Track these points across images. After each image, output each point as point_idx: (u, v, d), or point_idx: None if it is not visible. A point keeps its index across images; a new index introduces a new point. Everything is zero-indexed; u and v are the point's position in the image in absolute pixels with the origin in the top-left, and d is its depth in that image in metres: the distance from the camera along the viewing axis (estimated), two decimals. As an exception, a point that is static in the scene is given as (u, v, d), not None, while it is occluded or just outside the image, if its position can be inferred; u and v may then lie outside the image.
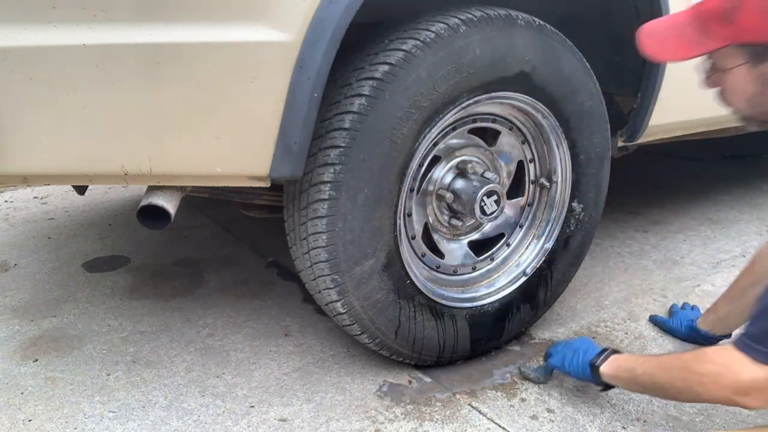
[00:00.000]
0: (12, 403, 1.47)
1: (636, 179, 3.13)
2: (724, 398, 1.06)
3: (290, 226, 1.41)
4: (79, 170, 1.17)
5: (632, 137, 1.81)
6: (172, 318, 1.85)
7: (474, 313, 1.58)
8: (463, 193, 1.50)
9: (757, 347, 1.02)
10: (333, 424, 1.39)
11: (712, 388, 1.07)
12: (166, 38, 1.08)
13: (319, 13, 1.12)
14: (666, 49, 1.13)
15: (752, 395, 1.02)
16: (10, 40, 1.03)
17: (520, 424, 1.39)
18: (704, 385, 1.08)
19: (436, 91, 1.31)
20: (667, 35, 1.13)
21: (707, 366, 1.08)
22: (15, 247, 2.38)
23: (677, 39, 1.10)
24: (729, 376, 1.03)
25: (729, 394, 1.04)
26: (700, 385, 1.09)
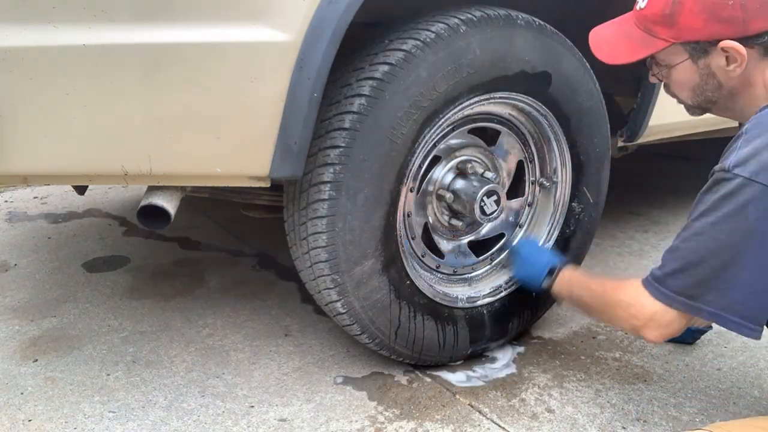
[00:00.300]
0: (12, 403, 1.47)
1: (636, 179, 3.13)
2: (630, 327, 1.18)
3: (290, 226, 1.41)
4: (79, 170, 1.17)
5: (632, 137, 1.81)
6: (172, 318, 1.85)
7: (474, 314, 1.58)
8: (463, 193, 1.50)
9: (658, 287, 1.12)
10: (333, 424, 1.39)
11: (621, 315, 1.19)
12: (166, 38, 1.08)
13: (319, 14, 1.12)
14: (619, 53, 1.21)
15: (650, 327, 1.14)
16: (10, 40, 1.03)
17: (520, 424, 1.39)
18: (617, 312, 1.21)
19: (436, 91, 1.31)
20: (617, 39, 1.22)
21: (621, 296, 1.19)
22: (15, 247, 2.38)
23: (627, 42, 1.20)
24: (635, 308, 1.15)
25: (634, 322, 1.16)
26: (615, 311, 1.21)
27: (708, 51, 1.11)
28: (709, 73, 1.13)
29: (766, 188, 0.97)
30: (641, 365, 1.61)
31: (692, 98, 1.20)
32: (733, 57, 1.08)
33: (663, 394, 1.50)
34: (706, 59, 1.12)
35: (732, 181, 1.00)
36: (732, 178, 1.00)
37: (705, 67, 1.13)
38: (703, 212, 1.05)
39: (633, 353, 1.66)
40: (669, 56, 1.16)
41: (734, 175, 0.99)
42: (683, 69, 1.15)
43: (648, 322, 1.13)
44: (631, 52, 1.18)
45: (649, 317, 1.13)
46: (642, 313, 1.14)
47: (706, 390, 1.52)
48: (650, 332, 1.14)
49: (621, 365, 1.61)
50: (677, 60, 1.15)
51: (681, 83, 1.19)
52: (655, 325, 1.13)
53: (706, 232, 1.04)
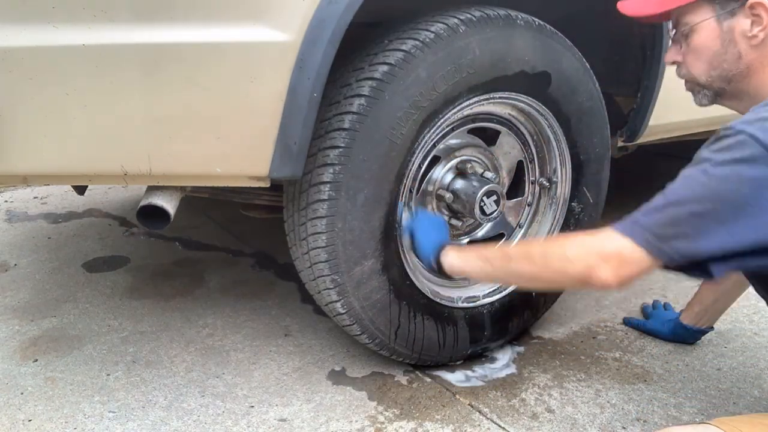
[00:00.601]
0: (12, 403, 1.47)
1: (636, 179, 3.13)
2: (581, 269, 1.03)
3: (290, 226, 1.41)
4: (79, 170, 1.17)
5: (632, 137, 1.81)
6: (172, 318, 1.85)
7: (474, 314, 1.58)
8: (463, 193, 1.50)
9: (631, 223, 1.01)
10: (333, 424, 1.39)
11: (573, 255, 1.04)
12: (166, 38, 1.08)
13: (319, 13, 1.12)
14: (645, 4, 1.16)
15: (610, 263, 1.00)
16: (10, 40, 1.03)
17: (520, 424, 1.39)
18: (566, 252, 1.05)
19: (435, 91, 1.31)
20: None
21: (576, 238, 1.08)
22: (15, 247, 2.38)
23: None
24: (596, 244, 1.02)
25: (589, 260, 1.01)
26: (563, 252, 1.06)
27: (734, 11, 1.07)
28: (731, 39, 1.09)
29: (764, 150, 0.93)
30: (641, 365, 1.61)
31: (707, 72, 1.14)
32: (759, 19, 1.05)
33: (663, 394, 1.50)
34: (731, 21, 1.08)
35: (733, 136, 0.97)
36: (734, 134, 0.97)
37: (728, 31, 1.08)
38: (697, 159, 1.01)
39: (633, 353, 1.66)
40: (693, 14, 1.11)
41: (737, 131, 0.96)
42: (705, 31, 1.10)
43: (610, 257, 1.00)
44: (658, 3, 1.14)
45: (613, 252, 1.00)
46: (604, 248, 1.01)
47: (706, 390, 1.52)
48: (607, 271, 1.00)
49: (621, 365, 1.61)
50: (701, 17, 1.10)
51: (699, 50, 1.12)
52: (616, 262, 1.00)
53: (696, 177, 0.98)
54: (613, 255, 1.00)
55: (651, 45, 1.67)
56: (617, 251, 1.00)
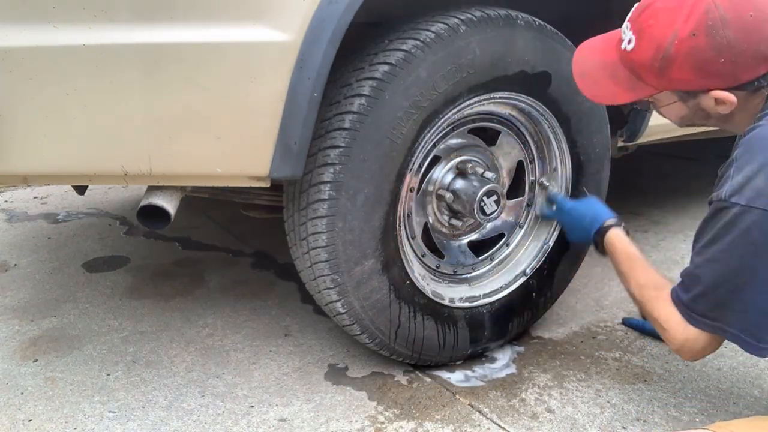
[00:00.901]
0: (12, 403, 1.47)
1: (636, 179, 3.13)
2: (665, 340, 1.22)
3: (290, 226, 1.41)
4: (79, 170, 1.17)
5: (632, 137, 1.81)
6: (172, 318, 1.85)
7: (474, 313, 1.58)
8: (463, 193, 1.50)
9: (687, 311, 1.15)
10: (333, 424, 1.39)
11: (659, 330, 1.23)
12: (166, 38, 1.08)
13: (319, 13, 1.12)
14: (604, 93, 1.21)
15: (684, 350, 1.18)
16: (10, 40, 1.03)
17: (520, 424, 1.39)
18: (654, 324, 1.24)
19: (435, 91, 1.31)
20: (602, 77, 1.20)
21: (657, 312, 1.21)
22: (15, 247, 2.38)
23: (613, 83, 1.18)
24: (670, 332, 1.18)
25: (670, 345, 1.21)
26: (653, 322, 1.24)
27: (697, 95, 1.11)
28: (699, 109, 1.14)
29: (764, 212, 1.01)
30: (641, 365, 1.61)
31: (683, 123, 1.21)
32: (722, 101, 1.09)
33: (663, 394, 1.50)
34: (696, 100, 1.12)
35: (731, 209, 1.03)
36: (730, 207, 1.03)
37: (694, 105, 1.13)
38: (711, 240, 1.08)
39: (633, 353, 1.66)
40: (657, 98, 1.16)
41: (732, 204, 1.03)
42: (672, 108, 1.17)
43: (682, 346, 1.17)
44: (617, 95, 1.18)
45: (682, 342, 1.16)
46: (676, 338, 1.17)
47: (706, 390, 1.52)
48: (686, 354, 1.19)
49: (621, 365, 1.61)
50: (666, 101, 1.16)
51: (670, 115, 1.20)
52: (688, 348, 1.17)
53: (718, 259, 1.08)
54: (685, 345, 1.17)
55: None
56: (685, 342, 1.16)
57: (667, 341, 1.21)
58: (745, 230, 1.02)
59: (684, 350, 1.18)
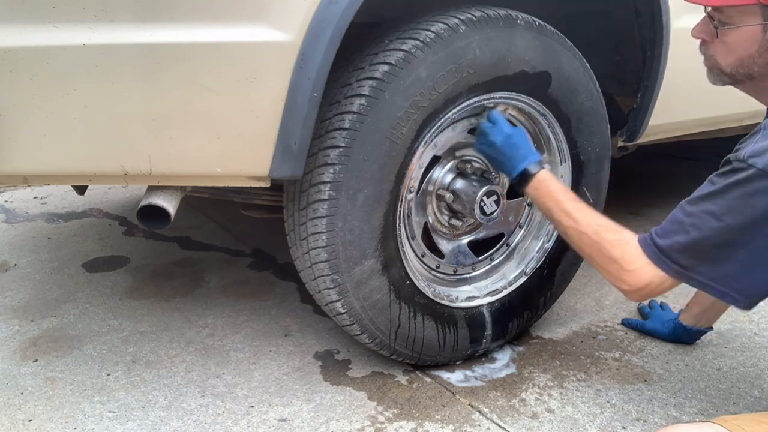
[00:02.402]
0: (12, 403, 1.47)
1: (636, 179, 3.13)
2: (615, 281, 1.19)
3: (290, 226, 1.41)
4: (79, 170, 1.17)
5: (632, 137, 1.81)
6: (172, 318, 1.85)
7: (474, 313, 1.58)
8: (463, 193, 1.50)
9: (661, 255, 1.12)
10: (333, 424, 1.39)
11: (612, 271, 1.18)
12: (167, 38, 1.08)
13: (319, 13, 1.12)
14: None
15: (640, 292, 1.16)
16: (10, 40, 1.03)
17: (520, 424, 1.39)
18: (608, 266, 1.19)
19: (435, 91, 1.31)
20: None
21: (617, 254, 1.17)
22: (15, 247, 2.38)
23: None
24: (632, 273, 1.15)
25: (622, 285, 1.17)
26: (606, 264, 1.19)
27: None
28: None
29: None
30: (641, 365, 1.61)
31: (734, 67, 1.15)
32: None
33: (663, 394, 1.50)
34: None
35: (745, 170, 1.02)
36: (746, 168, 1.02)
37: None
38: (712, 192, 1.07)
39: (633, 353, 1.67)
40: (741, 15, 1.10)
41: (748, 165, 1.02)
42: (747, 34, 1.10)
43: (643, 287, 1.15)
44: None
45: (645, 284, 1.14)
46: (638, 279, 1.14)
47: (706, 390, 1.52)
48: (635, 295, 1.17)
49: (621, 365, 1.61)
50: (748, 21, 1.09)
51: (734, 48, 1.13)
52: (648, 291, 1.15)
53: (713, 213, 1.06)
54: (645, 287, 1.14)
55: (651, 45, 1.67)
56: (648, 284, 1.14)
57: (622, 281, 1.17)
58: (751, 193, 1.01)
59: (643, 291, 1.15)
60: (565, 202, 1.29)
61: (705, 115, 1.96)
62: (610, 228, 1.22)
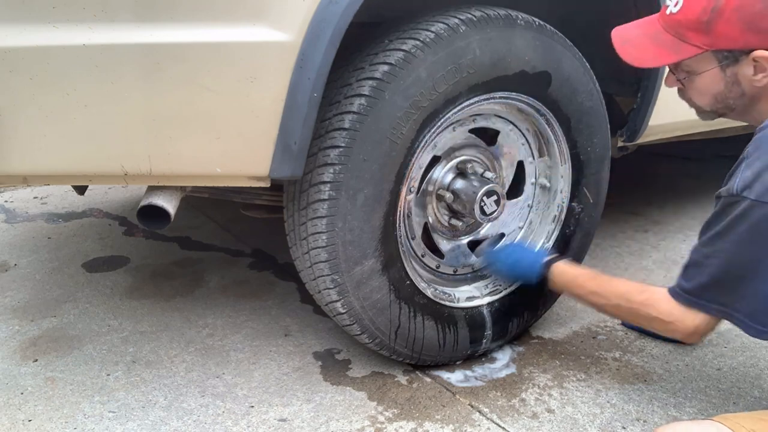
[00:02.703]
0: (12, 403, 1.47)
1: (636, 179, 3.13)
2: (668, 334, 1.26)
3: (290, 226, 1.41)
4: (79, 170, 1.17)
5: (632, 137, 1.81)
6: (172, 318, 1.85)
7: (474, 314, 1.58)
8: (463, 194, 1.50)
9: (696, 300, 1.17)
10: (333, 424, 1.39)
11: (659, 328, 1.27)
12: (167, 38, 1.08)
13: (319, 13, 1.12)
14: (646, 57, 1.22)
15: (694, 336, 1.21)
16: (10, 40, 1.03)
17: (520, 424, 1.39)
18: (653, 324, 1.27)
19: (435, 91, 1.31)
20: (643, 42, 1.22)
21: (654, 313, 1.23)
22: (15, 247, 2.38)
23: (655, 46, 1.19)
24: (676, 324, 1.20)
25: (675, 335, 1.24)
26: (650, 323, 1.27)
27: (738, 60, 1.11)
28: (735, 81, 1.14)
29: None
30: (641, 365, 1.61)
31: (712, 105, 1.20)
32: (762, 67, 1.10)
33: (663, 394, 1.50)
34: (734, 68, 1.12)
35: (741, 203, 1.06)
36: (741, 201, 1.06)
37: (732, 76, 1.13)
38: (720, 232, 1.11)
39: (633, 353, 1.66)
40: (697, 63, 1.16)
41: (743, 198, 1.05)
42: (709, 77, 1.16)
43: (693, 332, 1.20)
44: (660, 56, 1.18)
45: (693, 330, 1.19)
46: (685, 327, 1.19)
47: (706, 390, 1.52)
48: (692, 339, 1.23)
49: (621, 365, 1.61)
50: (705, 68, 1.15)
51: (703, 90, 1.19)
52: (699, 333, 1.20)
53: (728, 250, 1.10)
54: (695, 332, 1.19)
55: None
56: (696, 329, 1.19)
57: (673, 333, 1.23)
58: (755, 223, 1.05)
59: (695, 335, 1.20)
60: (587, 284, 1.38)
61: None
62: (635, 290, 1.29)
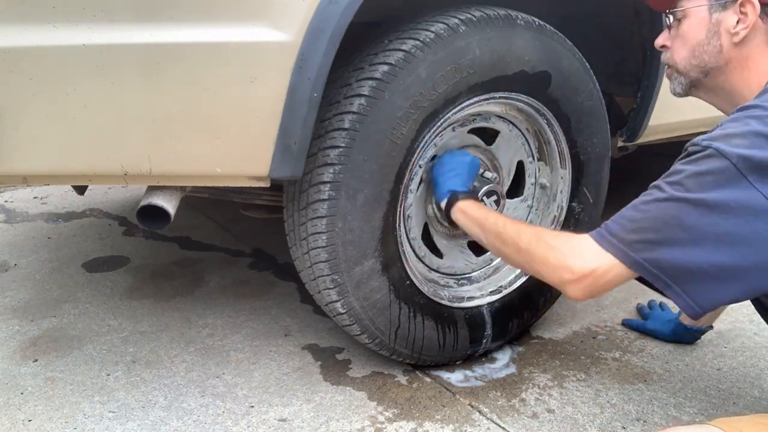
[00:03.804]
0: (12, 403, 1.47)
1: (636, 179, 3.13)
2: (557, 278, 1.09)
3: (290, 226, 1.41)
4: (79, 170, 1.17)
5: (632, 137, 1.81)
6: (172, 318, 1.85)
7: (474, 313, 1.58)
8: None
9: (610, 238, 1.04)
10: (333, 424, 1.39)
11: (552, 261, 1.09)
12: (166, 38, 1.08)
13: (319, 13, 1.12)
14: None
15: (584, 282, 1.04)
16: (10, 40, 1.03)
17: (520, 424, 1.39)
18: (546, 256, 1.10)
19: (435, 91, 1.31)
20: None
21: (558, 242, 1.10)
22: (15, 247, 2.38)
23: None
24: (575, 258, 1.06)
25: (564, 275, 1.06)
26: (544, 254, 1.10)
27: (726, 5, 1.11)
28: (716, 32, 1.13)
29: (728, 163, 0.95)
30: (641, 365, 1.61)
31: (687, 60, 1.18)
32: (745, 17, 1.09)
33: (663, 394, 1.50)
34: (720, 14, 1.12)
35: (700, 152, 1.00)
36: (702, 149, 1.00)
37: (715, 23, 1.12)
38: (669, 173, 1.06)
39: (633, 353, 1.67)
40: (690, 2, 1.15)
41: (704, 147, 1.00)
42: (695, 18, 1.15)
43: (585, 276, 1.04)
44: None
45: (590, 272, 1.04)
46: (582, 265, 1.04)
47: (706, 390, 1.52)
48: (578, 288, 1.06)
49: (621, 365, 1.61)
50: (695, 3, 1.14)
51: (685, 37, 1.17)
52: (590, 280, 1.04)
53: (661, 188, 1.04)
54: (590, 275, 1.04)
55: (651, 45, 1.67)
56: (593, 272, 1.04)
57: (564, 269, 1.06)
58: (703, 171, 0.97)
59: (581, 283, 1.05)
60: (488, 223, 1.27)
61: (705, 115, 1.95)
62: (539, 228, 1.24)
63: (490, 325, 1.61)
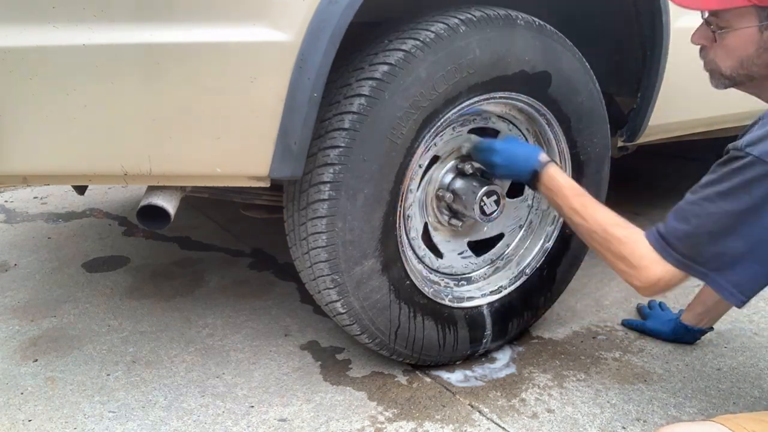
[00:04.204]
0: (12, 403, 1.47)
1: (636, 179, 3.13)
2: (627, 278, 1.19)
3: (290, 226, 1.41)
4: (78, 170, 1.17)
5: (632, 137, 1.81)
6: (172, 318, 1.85)
7: (474, 313, 1.58)
8: (463, 193, 1.50)
9: (669, 250, 1.13)
10: (333, 424, 1.39)
11: (623, 269, 1.19)
12: (166, 38, 1.08)
13: (319, 13, 1.12)
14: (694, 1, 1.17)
15: (652, 288, 1.16)
16: (10, 40, 1.03)
17: (520, 424, 1.39)
18: (618, 264, 1.20)
19: (435, 91, 1.31)
20: None
21: (626, 252, 1.18)
22: (15, 247, 2.38)
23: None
24: (642, 270, 1.16)
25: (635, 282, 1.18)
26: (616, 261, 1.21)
27: None
28: (766, 48, 1.11)
29: None
30: (641, 365, 1.61)
31: (734, 69, 1.17)
32: None
33: (663, 394, 1.50)
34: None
35: (743, 158, 1.05)
36: (743, 156, 1.04)
37: (766, 41, 1.11)
38: (712, 181, 1.10)
39: (633, 353, 1.67)
40: (737, 18, 1.11)
41: (746, 153, 1.04)
42: (744, 35, 1.12)
43: (653, 284, 1.15)
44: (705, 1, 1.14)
45: (656, 280, 1.15)
46: (649, 276, 1.15)
47: (706, 390, 1.52)
48: (648, 291, 1.18)
49: (621, 365, 1.61)
50: (744, 24, 1.11)
51: (732, 50, 1.15)
52: (659, 287, 1.16)
53: (712, 200, 1.09)
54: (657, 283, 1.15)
55: (651, 45, 1.67)
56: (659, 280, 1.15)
57: (633, 277, 1.18)
58: (749, 180, 1.04)
59: (655, 288, 1.16)
60: (571, 199, 1.31)
61: (705, 115, 1.96)
62: (616, 223, 1.23)
63: (490, 325, 1.61)
